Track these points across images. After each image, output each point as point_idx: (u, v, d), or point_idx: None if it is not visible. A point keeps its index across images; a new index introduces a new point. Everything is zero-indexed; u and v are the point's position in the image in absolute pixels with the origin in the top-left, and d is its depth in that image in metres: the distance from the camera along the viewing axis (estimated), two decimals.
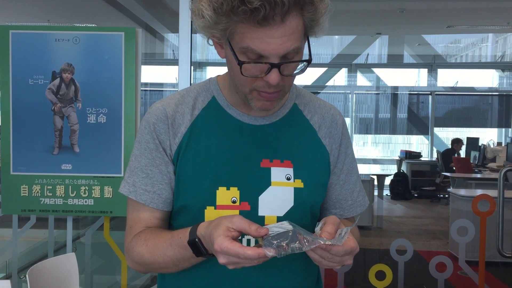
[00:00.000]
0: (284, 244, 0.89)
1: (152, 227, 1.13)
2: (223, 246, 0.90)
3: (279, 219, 1.09)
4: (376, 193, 6.71)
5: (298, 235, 0.91)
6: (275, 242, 0.89)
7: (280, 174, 1.11)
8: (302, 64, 1.03)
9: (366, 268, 2.78)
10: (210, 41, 1.07)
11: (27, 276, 1.90)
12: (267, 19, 0.93)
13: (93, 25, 5.44)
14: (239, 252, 0.89)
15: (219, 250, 0.91)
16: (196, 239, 0.98)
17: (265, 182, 1.10)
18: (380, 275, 2.73)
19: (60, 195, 2.52)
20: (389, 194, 8.81)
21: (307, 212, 1.14)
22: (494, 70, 10.42)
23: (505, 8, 5.99)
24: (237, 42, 0.98)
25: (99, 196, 2.52)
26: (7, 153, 2.51)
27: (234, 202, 1.09)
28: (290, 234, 0.90)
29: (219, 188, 1.09)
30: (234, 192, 1.09)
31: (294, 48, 0.98)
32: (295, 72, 1.03)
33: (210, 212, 1.09)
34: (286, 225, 0.95)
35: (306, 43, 1.04)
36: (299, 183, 1.12)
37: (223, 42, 1.03)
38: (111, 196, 2.52)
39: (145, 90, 7.53)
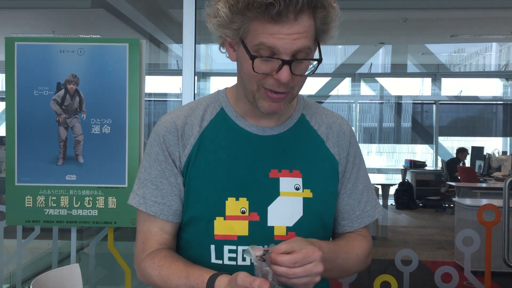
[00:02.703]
0: None
1: (164, 246, 1.13)
2: None
3: (289, 229, 1.10)
4: (380, 202, 6.67)
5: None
6: None
7: (289, 184, 1.12)
8: (312, 65, 1.04)
9: (371, 278, 2.76)
10: (223, 49, 1.09)
11: (31, 287, 1.90)
12: (280, 15, 0.96)
13: (97, 37, 5.47)
14: None
15: None
16: None
17: (274, 192, 1.11)
18: (385, 286, 2.71)
19: (64, 206, 2.52)
20: (393, 203, 8.77)
21: (316, 222, 1.14)
22: (498, 79, 10.40)
23: (509, 18, 6.00)
24: (251, 41, 1.00)
25: (103, 206, 2.52)
26: (11, 164, 2.51)
27: (243, 212, 1.09)
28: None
29: (228, 198, 1.10)
30: (243, 203, 1.09)
31: (305, 46, 1.00)
32: (306, 73, 1.04)
33: (219, 223, 1.09)
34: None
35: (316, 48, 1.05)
36: (308, 193, 1.12)
37: (235, 43, 1.05)
38: (115, 207, 2.52)
39: (149, 100, 7.55)
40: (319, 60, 1.03)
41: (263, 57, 1.00)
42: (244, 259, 1.09)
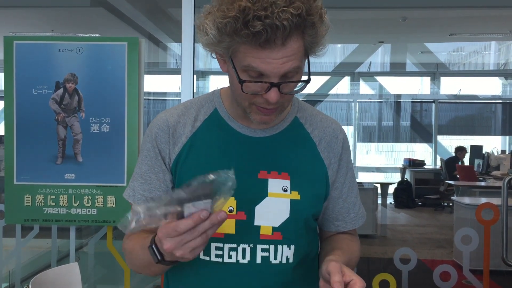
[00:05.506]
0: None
1: None
2: (161, 230, 0.91)
3: (274, 229, 1.12)
4: (379, 201, 6.68)
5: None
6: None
7: (277, 185, 1.14)
8: (301, 83, 1.05)
9: (370, 277, 2.77)
10: (214, 55, 1.09)
11: (30, 286, 1.90)
12: (268, 42, 0.96)
13: (96, 35, 5.47)
14: (174, 226, 0.89)
15: (160, 236, 0.92)
16: (153, 245, 0.98)
17: (262, 193, 1.13)
18: (384, 284, 2.72)
19: (63, 205, 2.52)
20: (392, 202, 8.77)
21: (302, 224, 1.16)
22: (497, 77, 10.40)
23: (508, 16, 6.00)
24: (239, 61, 1.01)
25: (102, 205, 2.52)
26: (10, 163, 2.51)
27: (230, 211, 1.11)
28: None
29: None
30: (231, 202, 1.12)
31: (294, 67, 1.00)
32: (294, 90, 1.06)
33: None
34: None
35: (306, 62, 1.06)
36: (296, 195, 1.14)
37: (226, 58, 1.06)
38: (114, 206, 2.52)
39: (148, 99, 7.55)
40: (307, 81, 1.04)
41: (251, 80, 1.01)
42: (230, 257, 1.11)
